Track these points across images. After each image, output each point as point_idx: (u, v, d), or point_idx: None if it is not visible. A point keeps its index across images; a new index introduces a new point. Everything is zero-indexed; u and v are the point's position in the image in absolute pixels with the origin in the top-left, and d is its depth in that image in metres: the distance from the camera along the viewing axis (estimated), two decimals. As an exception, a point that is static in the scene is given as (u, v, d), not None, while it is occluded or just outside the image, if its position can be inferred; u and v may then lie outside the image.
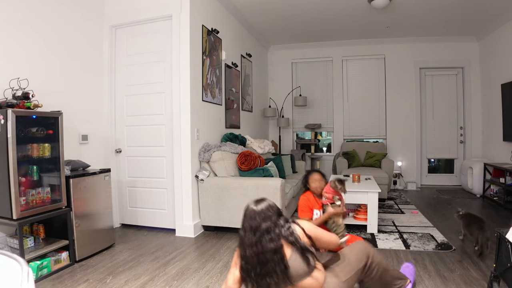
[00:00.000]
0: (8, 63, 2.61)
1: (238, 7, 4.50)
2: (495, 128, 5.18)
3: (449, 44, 5.86)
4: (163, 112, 3.54)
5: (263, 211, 1.48)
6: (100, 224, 2.96)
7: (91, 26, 3.50)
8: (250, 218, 1.48)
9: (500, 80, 4.98)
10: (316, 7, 4.54)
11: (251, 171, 3.57)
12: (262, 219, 1.47)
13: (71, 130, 3.12)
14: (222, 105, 4.24)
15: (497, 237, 2.02)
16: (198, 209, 3.50)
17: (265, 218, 1.47)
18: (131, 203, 3.71)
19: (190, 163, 3.38)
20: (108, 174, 3.04)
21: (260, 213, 1.48)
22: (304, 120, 6.52)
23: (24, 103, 2.42)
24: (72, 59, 3.24)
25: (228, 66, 4.41)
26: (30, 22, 2.80)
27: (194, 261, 2.73)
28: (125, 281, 2.36)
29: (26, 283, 0.86)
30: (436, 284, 2.20)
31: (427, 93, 6.11)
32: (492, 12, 4.64)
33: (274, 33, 5.75)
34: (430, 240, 3.09)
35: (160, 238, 3.35)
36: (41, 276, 2.38)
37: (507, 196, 4.29)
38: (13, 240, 2.43)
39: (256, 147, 4.53)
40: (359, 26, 5.37)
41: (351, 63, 6.34)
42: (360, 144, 5.88)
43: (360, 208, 3.50)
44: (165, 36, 3.51)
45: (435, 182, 6.18)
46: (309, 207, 2.53)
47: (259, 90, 5.97)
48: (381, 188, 4.23)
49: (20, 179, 2.34)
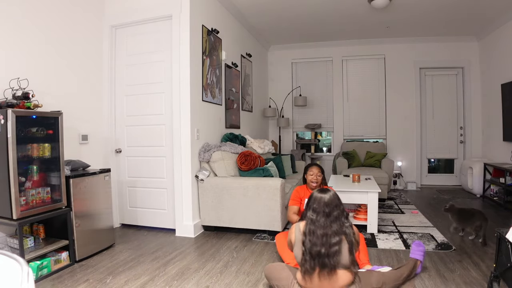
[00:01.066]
0: (8, 63, 2.61)
1: (238, 7, 4.50)
2: (495, 128, 5.17)
3: (449, 44, 5.86)
4: (163, 112, 3.54)
5: (334, 199, 1.81)
6: (100, 224, 2.96)
7: (91, 26, 3.50)
8: (325, 204, 1.78)
9: (500, 80, 4.98)
10: (316, 7, 4.54)
11: (251, 171, 3.57)
12: (334, 206, 1.79)
13: (71, 130, 3.12)
14: (222, 105, 4.24)
15: (497, 237, 2.02)
16: (198, 209, 3.50)
17: (336, 206, 1.80)
18: (131, 203, 3.71)
19: (190, 163, 3.38)
20: (108, 174, 3.04)
21: (333, 200, 1.80)
22: (304, 120, 6.52)
23: (24, 103, 2.42)
24: (72, 59, 3.24)
25: (228, 66, 4.41)
26: (30, 22, 2.80)
27: (194, 261, 2.73)
28: (125, 281, 2.36)
29: (26, 283, 0.86)
30: (436, 284, 2.20)
31: (427, 93, 6.11)
32: (492, 12, 4.64)
33: (274, 33, 5.75)
34: (430, 240, 3.09)
35: (160, 238, 3.35)
36: (41, 276, 2.38)
37: (507, 196, 4.29)
38: (13, 240, 2.43)
39: (256, 147, 4.53)
40: (359, 26, 5.37)
41: (351, 63, 6.34)
42: (360, 144, 5.88)
43: (360, 208, 3.50)
44: (165, 36, 3.51)
45: (435, 182, 6.18)
46: (299, 197, 2.95)
47: (259, 90, 5.97)
48: (381, 188, 4.23)
49: (20, 179, 2.34)
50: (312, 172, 2.96)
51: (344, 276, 1.75)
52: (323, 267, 1.71)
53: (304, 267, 1.77)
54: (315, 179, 2.94)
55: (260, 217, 3.27)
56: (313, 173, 2.95)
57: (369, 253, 2.72)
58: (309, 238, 1.75)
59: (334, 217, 1.76)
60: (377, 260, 2.67)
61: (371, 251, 2.83)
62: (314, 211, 1.80)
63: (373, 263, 2.52)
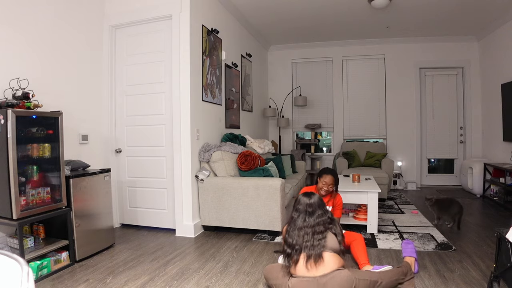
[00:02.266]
0: (8, 63, 2.61)
1: (238, 7, 4.50)
2: (495, 128, 5.17)
3: (449, 44, 5.86)
4: (163, 112, 3.54)
5: (318, 201, 2.07)
6: (100, 224, 2.95)
7: (91, 26, 3.50)
8: (308, 205, 2.04)
9: (500, 80, 4.98)
10: (316, 7, 4.54)
11: (251, 171, 3.57)
12: (317, 206, 2.04)
13: (71, 130, 3.12)
14: (222, 105, 4.24)
15: (497, 237, 2.02)
16: (198, 209, 3.50)
17: (319, 206, 2.05)
18: (131, 203, 3.71)
19: (190, 163, 3.38)
20: (108, 174, 3.04)
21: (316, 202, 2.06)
22: (304, 120, 6.52)
23: (24, 103, 2.42)
24: (72, 59, 3.24)
25: (228, 66, 4.41)
26: (30, 22, 2.80)
27: (194, 261, 2.73)
28: (125, 281, 2.36)
29: (26, 283, 0.86)
30: (436, 284, 2.20)
31: (427, 93, 6.11)
32: (492, 12, 4.64)
33: (274, 33, 5.75)
34: (430, 240, 3.09)
35: (160, 238, 3.35)
36: (41, 276, 2.37)
37: (507, 196, 4.29)
38: (13, 240, 2.43)
39: (256, 147, 4.53)
40: (359, 26, 5.37)
41: (351, 63, 6.34)
42: (360, 144, 5.88)
43: (360, 208, 3.50)
44: (165, 36, 3.51)
45: (435, 182, 6.18)
46: None
47: (259, 90, 5.97)
48: (381, 188, 4.23)
49: (20, 179, 2.33)
50: (325, 182, 2.86)
51: (332, 259, 1.93)
52: (308, 258, 1.91)
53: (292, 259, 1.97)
54: (326, 188, 2.85)
55: (260, 217, 3.27)
56: (325, 183, 2.85)
57: (369, 253, 2.72)
58: (291, 234, 2.00)
59: (317, 215, 2.01)
60: (377, 260, 2.67)
61: (371, 251, 2.83)
62: (297, 211, 2.06)
63: (373, 263, 2.52)
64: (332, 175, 2.88)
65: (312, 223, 1.98)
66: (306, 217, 2.01)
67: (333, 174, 2.90)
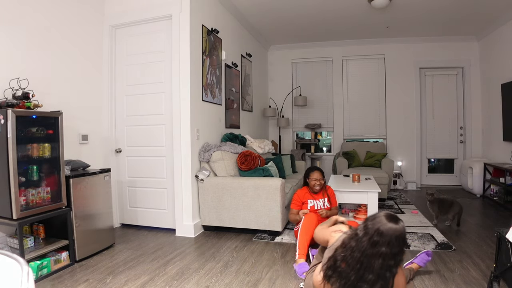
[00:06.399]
0: (8, 63, 2.61)
1: (238, 7, 4.50)
2: (495, 128, 5.17)
3: (449, 44, 5.86)
4: (163, 112, 3.54)
5: (402, 237, 1.41)
6: (100, 224, 2.95)
7: (91, 26, 3.50)
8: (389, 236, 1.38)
9: (500, 80, 4.98)
10: (316, 7, 4.54)
11: (251, 171, 3.57)
12: (395, 245, 1.39)
13: (71, 130, 3.12)
14: (222, 105, 4.24)
15: (497, 237, 2.02)
16: (198, 209, 3.50)
17: (399, 245, 1.40)
18: (131, 203, 3.71)
19: (190, 163, 3.38)
20: (108, 174, 3.04)
21: (399, 237, 1.39)
22: (304, 120, 6.52)
23: (24, 103, 2.42)
24: (72, 59, 3.24)
25: (228, 66, 4.41)
26: (30, 22, 2.80)
27: (194, 261, 2.73)
28: (125, 281, 2.36)
29: (26, 283, 0.86)
30: (436, 284, 2.20)
31: (427, 93, 6.11)
32: (492, 12, 4.64)
33: (274, 33, 5.75)
34: (430, 240, 3.09)
35: (160, 238, 3.35)
36: (41, 276, 2.38)
37: (507, 196, 4.29)
38: (13, 240, 2.43)
39: (256, 147, 4.53)
40: (359, 26, 5.37)
41: (351, 63, 6.34)
42: (360, 144, 5.87)
43: (360, 208, 3.50)
44: (165, 36, 3.51)
45: (435, 182, 6.18)
46: (300, 201, 3.02)
47: (259, 90, 5.97)
48: (381, 188, 4.23)
49: (20, 179, 2.33)
50: (315, 177, 3.02)
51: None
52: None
53: (326, 274, 1.53)
54: (318, 183, 3.00)
55: (260, 217, 3.27)
56: (316, 178, 3.01)
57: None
58: (344, 253, 1.47)
59: (384, 253, 1.38)
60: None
61: (371, 251, 2.82)
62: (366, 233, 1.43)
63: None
64: (318, 170, 3.09)
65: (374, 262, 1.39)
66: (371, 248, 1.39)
67: (318, 169, 3.11)
